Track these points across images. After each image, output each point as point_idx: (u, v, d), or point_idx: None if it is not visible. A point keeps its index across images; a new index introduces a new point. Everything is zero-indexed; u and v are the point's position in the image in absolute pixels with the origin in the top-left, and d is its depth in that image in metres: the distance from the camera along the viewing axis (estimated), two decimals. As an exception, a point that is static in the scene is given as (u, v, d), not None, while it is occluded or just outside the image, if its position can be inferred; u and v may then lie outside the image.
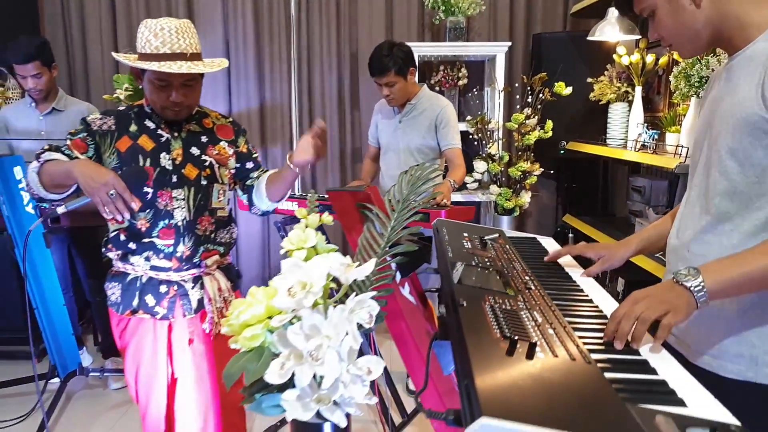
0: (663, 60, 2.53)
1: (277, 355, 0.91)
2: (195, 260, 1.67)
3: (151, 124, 1.65)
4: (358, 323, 0.94)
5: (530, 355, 0.80)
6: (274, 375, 0.89)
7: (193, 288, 1.68)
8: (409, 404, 2.67)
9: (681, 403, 0.75)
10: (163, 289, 1.66)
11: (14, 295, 3.07)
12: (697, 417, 0.71)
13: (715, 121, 1.12)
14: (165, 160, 1.62)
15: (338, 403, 0.91)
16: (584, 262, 1.37)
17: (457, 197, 3.09)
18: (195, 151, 1.67)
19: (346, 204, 1.21)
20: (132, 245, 1.65)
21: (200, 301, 1.69)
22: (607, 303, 1.11)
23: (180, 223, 1.64)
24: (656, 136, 2.43)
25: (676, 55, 2.30)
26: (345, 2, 3.46)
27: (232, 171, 1.77)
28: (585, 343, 0.90)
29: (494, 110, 3.22)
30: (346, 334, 0.92)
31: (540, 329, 0.91)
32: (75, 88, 3.64)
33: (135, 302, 1.66)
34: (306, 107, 3.56)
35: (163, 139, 1.64)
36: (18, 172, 2.45)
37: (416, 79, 2.63)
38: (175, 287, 1.67)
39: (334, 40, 3.49)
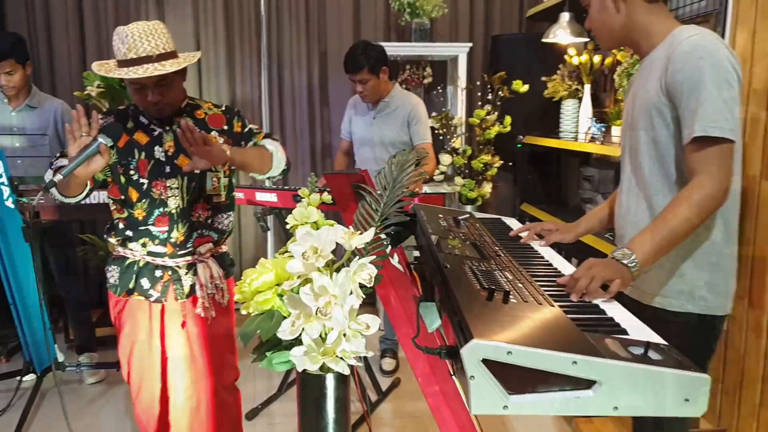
0: (608, 60, 2.79)
1: (285, 317, 1.06)
2: (189, 246, 1.78)
3: (144, 120, 1.76)
4: (360, 283, 1.10)
5: (506, 300, 0.99)
6: (286, 332, 1.03)
7: (186, 274, 1.79)
8: (384, 383, 2.85)
9: (624, 332, 0.96)
10: (158, 273, 1.77)
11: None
12: (636, 339, 0.91)
13: (634, 112, 1.42)
14: (158, 152, 1.73)
15: (341, 356, 1.07)
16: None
17: (425, 189, 3.28)
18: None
19: (341, 185, 1.38)
20: (129, 233, 1.76)
21: (192, 287, 1.80)
22: (564, 266, 1.32)
23: (174, 211, 1.74)
24: (603, 129, 2.68)
25: (619, 56, 2.56)
26: (314, 3, 3.59)
27: None
28: (549, 294, 1.10)
29: (457, 107, 3.42)
30: (350, 293, 1.08)
31: (511, 284, 1.11)
32: (39, 84, 3.62)
33: (131, 284, 1.77)
34: (276, 105, 3.67)
35: (156, 133, 1.75)
36: (-1, 167, 2.49)
37: (389, 77, 2.81)
38: (170, 272, 1.78)
39: (304, 39, 3.62)
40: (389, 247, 1.42)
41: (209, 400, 1.88)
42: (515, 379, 0.82)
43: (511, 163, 3.35)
